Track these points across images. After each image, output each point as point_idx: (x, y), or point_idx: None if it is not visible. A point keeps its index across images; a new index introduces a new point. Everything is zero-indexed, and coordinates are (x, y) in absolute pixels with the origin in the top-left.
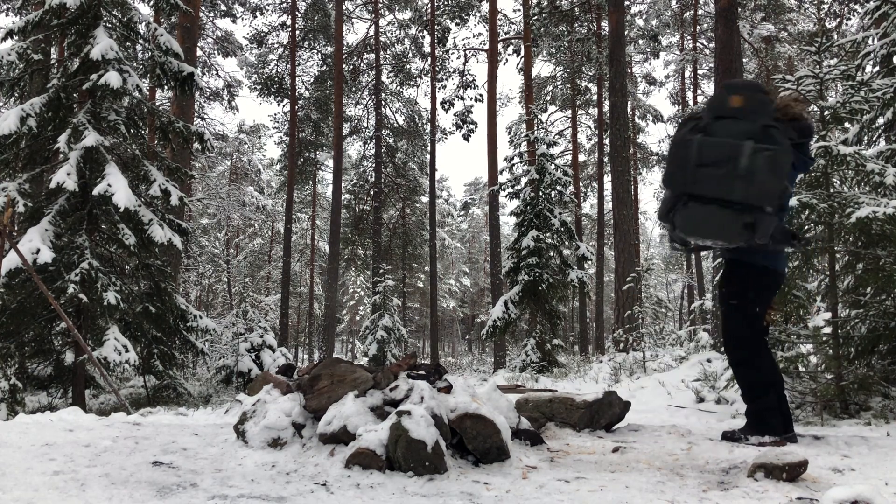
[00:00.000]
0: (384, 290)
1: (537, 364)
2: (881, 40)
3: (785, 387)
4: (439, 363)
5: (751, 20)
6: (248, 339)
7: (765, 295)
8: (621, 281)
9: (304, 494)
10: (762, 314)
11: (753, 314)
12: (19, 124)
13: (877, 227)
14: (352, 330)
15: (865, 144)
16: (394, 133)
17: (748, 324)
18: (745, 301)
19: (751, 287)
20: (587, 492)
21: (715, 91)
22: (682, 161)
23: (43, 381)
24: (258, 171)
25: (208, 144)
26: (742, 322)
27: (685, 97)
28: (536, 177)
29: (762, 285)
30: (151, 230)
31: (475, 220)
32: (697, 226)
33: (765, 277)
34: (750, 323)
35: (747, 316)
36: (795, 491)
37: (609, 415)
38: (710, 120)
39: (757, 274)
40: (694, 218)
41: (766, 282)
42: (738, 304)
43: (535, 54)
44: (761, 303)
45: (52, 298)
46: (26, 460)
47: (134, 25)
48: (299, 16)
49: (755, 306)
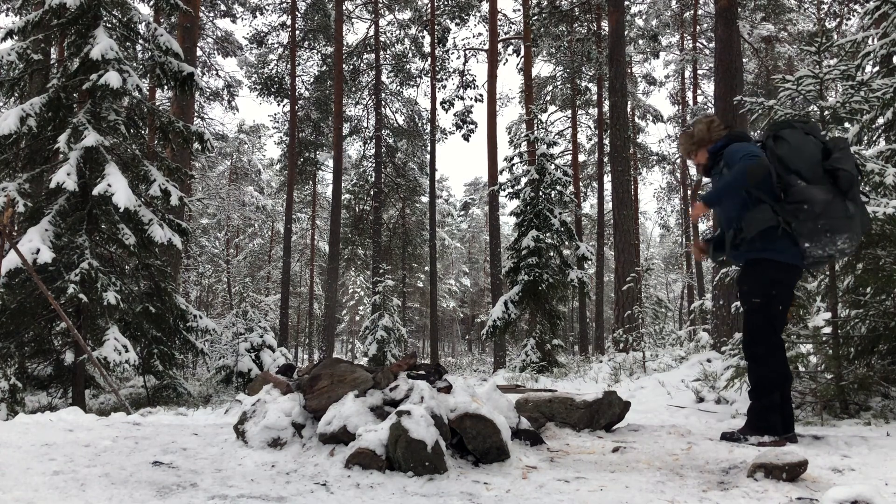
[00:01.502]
0: (384, 290)
1: (537, 364)
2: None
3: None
4: (439, 363)
5: (751, 20)
6: (248, 339)
7: (786, 292)
8: (621, 281)
9: (304, 494)
10: (784, 311)
11: (776, 312)
12: (19, 124)
13: (877, 227)
14: (352, 330)
15: (865, 144)
16: (394, 133)
17: (768, 321)
18: (769, 298)
19: (774, 284)
20: (587, 492)
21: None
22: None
23: (43, 381)
24: (258, 171)
25: (208, 144)
26: (763, 319)
27: (685, 97)
28: (536, 177)
29: (784, 282)
30: (151, 230)
31: (475, 220)
32: (859, 229)
33: (786, 273)
34: (770, 320)
35: (769, 313)
36: (795, 491)
37: (609, 415)
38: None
39: (779, 269)
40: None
41: (787, 278)
42: (762, 301)
43: (535, 54)
44: (783, 300)
45: (52, 298)
46: (26, 460)
47: (134, 25)
48: (299, 16)
49: (778, 303)
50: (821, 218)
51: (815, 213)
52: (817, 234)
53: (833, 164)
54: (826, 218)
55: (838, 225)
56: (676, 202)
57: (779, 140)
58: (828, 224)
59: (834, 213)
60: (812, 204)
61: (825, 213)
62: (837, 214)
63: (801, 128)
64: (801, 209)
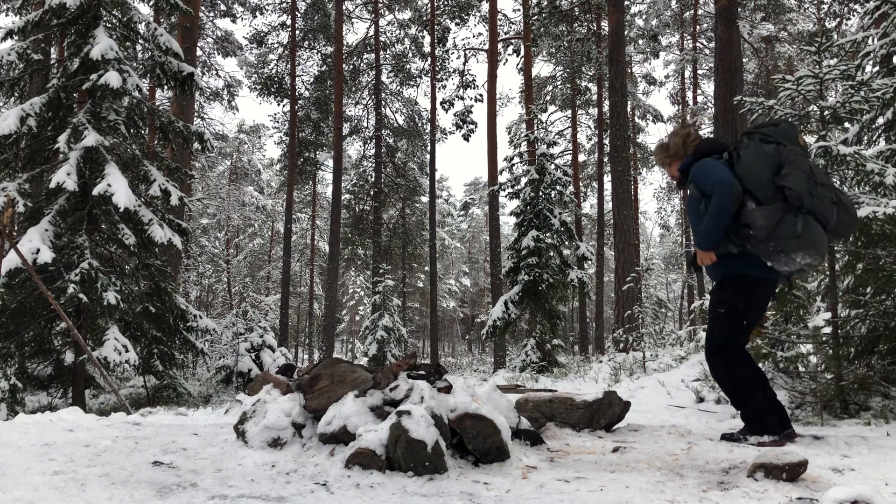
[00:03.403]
0: (384, 290)
1: (537, 364)
2: (881, 40)
3: (773, 384)
4: (439, 363)
5: (751, 20)
6: (248, 339)
7: (755, 306)
8: (621, 281)
9: (304, 494)
10: (751, 325)
11: (739, 324)
12: (19, 124)
13: (877, 226)
14: (352, 330)
15: (865, 144)
16: (394, 133)
17: (730, 332)
18: (735, 310)
19: (741, 297)
20: (587, 492)
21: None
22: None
23: (43, 381)
24: (258, 171)
25: (208, 144)
26: (724, 330)
27: (685, 97)
28: (536, 177)
29: (753, 296)
30: (151, 230)
31: (475, 220)
32: (819, 242)
33: (759, 288)
34: (731, 331)
35: (731, 324)
36: (795, 491)
37: (609, 415)
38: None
39: (750, 283)
40: (818, 234)
41: (758, 291)
42: (726, 312)
43: (535, 54)
44: (751, 314)
45: (52, 298)
46: (26, 460)
47: (134, 25)
48: (299, 16)
49: (742, 318)
50: (770, 241)
51: (760, 238)
52: (772, 254)
53: (781, 182)
54: (774, 240)
55: (788, 245)
56: (676, 202)
57: (736, 156)
58: (778, 245)
59: (781, 234)
60: (755, 229)
61: (772, 236)
62: (785, 234)
63: (761, 137)
64: (748, 234)
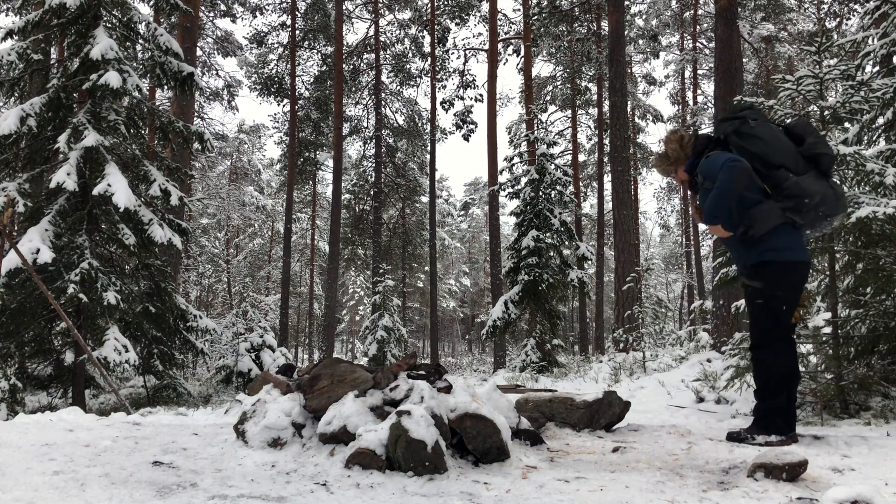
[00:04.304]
0: (384, 290)
1: (537, 364)
2: (881, 40)
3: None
4: (439, 363)
5: (751, 20)
6: (248, 339)
7: (792, 291)
8: (621, 281)
9: (304, 494)
10: (791, 309)
11: (779, 311)
12: (19, 124)
13: (877, 226)
14: (352, 330)
15: (865, 144)
16: (394, 133)
17: (773, 321)
18: (772, 298)
19: (775, 284)
20: (587, 492)
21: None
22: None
23: (43, 381)
24: (258, 171)
25: (208, 144)
26: (767, 320)
27: (685, 97)
28: (536, 177)
29: (789, 281)
30: (151, 230)
31: (475, 220)
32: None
33: (793, 271)
34: (774, 320)
35: (772, 313)
36: (795, 491)
37: (609, 415)
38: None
39: (784, 269)
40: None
41: (794, 276)
42: (764, 301)
43: (535, 54)
44: (789, 298)
45: (52, 298)
46: (26, 460)
47: (134, 25)
48: (299, 16)
49: (782, 304)
50: (820, 206)
51: (815, 204)
52: (818, 221)
53: (812, 150)
54: (824, 205)
55: (834, 208)
56: (676, 202)
57: (745, 136)
58: (827, 210)
59: (829, 198)
60: (811, 196)
61: (823, 201)
62: (831, 198)
63: (760, 118)
64: (803, 203)
